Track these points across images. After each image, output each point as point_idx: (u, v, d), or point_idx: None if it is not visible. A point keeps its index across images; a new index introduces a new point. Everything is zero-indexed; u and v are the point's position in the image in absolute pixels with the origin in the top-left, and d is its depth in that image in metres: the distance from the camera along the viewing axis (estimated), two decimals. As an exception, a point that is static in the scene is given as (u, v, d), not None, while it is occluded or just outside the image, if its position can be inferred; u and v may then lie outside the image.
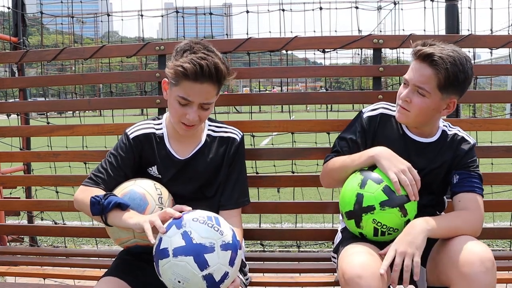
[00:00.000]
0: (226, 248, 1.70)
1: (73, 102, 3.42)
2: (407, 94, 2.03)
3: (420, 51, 1.98)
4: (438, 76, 1.94)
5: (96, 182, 2.07)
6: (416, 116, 2.05)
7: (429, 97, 1.99)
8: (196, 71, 1.90)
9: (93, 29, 34.58)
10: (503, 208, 2.83)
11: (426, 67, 1.97)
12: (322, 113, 3.55)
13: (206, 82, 1.94)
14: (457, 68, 1.94)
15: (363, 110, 2.27)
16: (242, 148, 2.28)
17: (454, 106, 2.05)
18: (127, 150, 2.15)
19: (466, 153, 2.12)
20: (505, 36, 2.73)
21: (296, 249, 4.51)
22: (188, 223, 1.71)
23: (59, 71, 29.13)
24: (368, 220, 1.94)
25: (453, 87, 1.98)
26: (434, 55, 1.94)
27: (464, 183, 2.08)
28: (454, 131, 2.19)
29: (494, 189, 4.24)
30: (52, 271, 2.70)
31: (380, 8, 17.99)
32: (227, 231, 1.74)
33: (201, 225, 1.71)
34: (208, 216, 1.76)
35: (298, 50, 2.89)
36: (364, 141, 2.20)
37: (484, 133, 2.92)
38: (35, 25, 10.07)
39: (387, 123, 2.20)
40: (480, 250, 1.79)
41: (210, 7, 5.29)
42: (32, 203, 3.43)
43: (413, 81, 2.01)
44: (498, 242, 4.75)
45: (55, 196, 4.39)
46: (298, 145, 3.23)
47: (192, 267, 1.64)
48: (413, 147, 2.15)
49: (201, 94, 1.96)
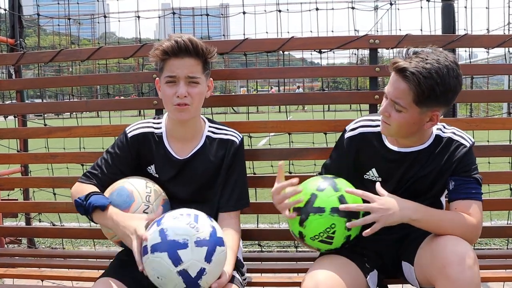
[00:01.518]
0: (201, 244, 1.72)
1: (70, 103, 3.42)
2: (385, 108, 1.96)
3: (396, 63, 1.88)
4: (413, 91, 1.84)
5: (89, 178, 2.14)
6: (398, 130, 1.98)
7: (406, 112, 1.89)
8: (173, 46, 2.02)
9: (90, 30, 34.56)
10: (500, 207, 2.85)
11: (400, 81, 1.87)
12: (320, 113, 3.56)
13: (185, 56, 2.04)
14: (433, 81, 1.80)
15: (346, 128, 2.24)
16: (242, 150, 2.30)
17: (438, 119, 1.94)
18: (123, 148, 2.19)
19: (461, 158, 2.03)
20: (501, 36, 2.73)
21: (294, 249, 4.51)
22: (166, 220, 1.77)
23: (56, 72, 29.06)
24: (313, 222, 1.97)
25: (431, 100, 1.85)
26: (407, 70, 1.83)
27: (460, 190, 2.01)
28: (449, 133, 2.09)
29: (491, 188, 4.25)
30: (50, 272, 2.70)
31: (377, 8, 18.00)
32: (204, 228, 1.76)
33: (177, 222, 1.76)
34: (187, 214, 1.80)
35: (295, 51, 2.89)
36: (348, 161, 2.20)
37: (481, 132, 2.92)
38: (32, 26, 10.04)
39: (367, 141, 2.15)
40: (461, 249, 1.77)
41: (207, 8, 5.28)
42: (30, 205, 3.43)
43: (390, 95, 1.92)
44: (495, 241, 4.76)
45: (52, 197, 4.38)
46: (296, 145, 3.23)
47: (167, 262, 1.69)
48: (397, 159, 2.09)
49: (183, 67, 2.05)
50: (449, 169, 2.04)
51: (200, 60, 2.08)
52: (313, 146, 3.29)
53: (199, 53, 2.07)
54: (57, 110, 3.14)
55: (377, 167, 2.13)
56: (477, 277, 1.75)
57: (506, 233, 2.89)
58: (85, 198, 1.97)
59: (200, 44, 2.07)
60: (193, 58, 2.06)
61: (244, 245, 2.46)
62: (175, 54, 2.03)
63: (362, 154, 2.16)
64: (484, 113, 21.27)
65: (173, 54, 2.03)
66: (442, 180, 2.07)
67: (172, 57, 2.04)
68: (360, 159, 2.17)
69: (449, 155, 2.04)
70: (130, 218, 1.90)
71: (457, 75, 1.87)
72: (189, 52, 2.04)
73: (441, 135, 2.09)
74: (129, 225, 1.86)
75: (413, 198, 1.99)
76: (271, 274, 2.64)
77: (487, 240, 4.73)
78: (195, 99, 2.09)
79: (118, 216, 1.92)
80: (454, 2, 3.87)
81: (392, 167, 2.10)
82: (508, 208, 2.96)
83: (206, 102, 2.23)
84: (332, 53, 3.34)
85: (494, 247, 4.59)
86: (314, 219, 1.95)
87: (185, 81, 2.05)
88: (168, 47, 2.03)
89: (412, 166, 2.08)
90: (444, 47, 2.66)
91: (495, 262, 2.60)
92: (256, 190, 3.33)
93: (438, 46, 2.63)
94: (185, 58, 2.04)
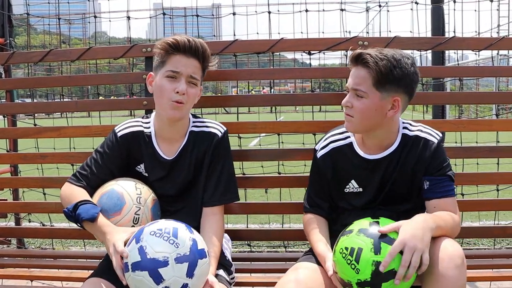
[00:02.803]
0: (182, 260, 1.70)
1: (60, 103, 3.42)
2: (347, 99, 2.00)
3: (352, 55, 1.98)
4: (371, 74, 1.91)
5: (79, 179, 2.14)
6: (361, 121, 1.99)
7: (367, 97, 1.94)
8: (185, 43, 2.08)
9: (81, 29, 34.43)
10: (488, 207, 2.87)
11: (359, 68, 1.95)
12: (310, 114, 3.57)
13: (192, 56, 2.10)
14: (390, 63, 1.89)
15: (316, 148, 2.24)
16: (225, 143, 2.27)
17: (399, 105, 1.97)
18: (113, 148, 2.19)
19: (432, 157, 2.04)
20: (489, 38, 2.75)
21: (284, 249, 4.53)
22: (145, 237, 1.73)
23: (47, 71, 28.94)
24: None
25: (390, 83, 1.91)
26: (364, 54, 1.93)
27: (436, 189, 2.03)
28: (416, 131, 2.09)
29: (479, 189, 4.29)
30: (39, 273, 2.70)
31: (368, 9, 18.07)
32: (184, 243, 1.73)
33: (156, 239, 1.72)
34: (166, 228, 1.75)
35: (285, 52, 2.91)
36: (328, 181, 2.18)
37: (469, 134, 2.95)
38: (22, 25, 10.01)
39: (341, 154, 2.15)
40: (451, 248, 1.78)
41: (197, 8, 5.29)
42: (19, 205, 3.42)
43: (351, 85, 1.98)
44: (483, 241, 4.80)
45: (42, 198, 4.37)
46: (286, 145, 3.25)
47: (149, 281, 1.67)
48: (372, 166, 2.10)
49: (188, 66, 2.09)
50: (421, 169, 2.05)
51: (202, 66, 2.15)
52: (303, 146, 3.30)
53: (205, 59, 2.15)
54: (47, 110, 3.13)
55: (355, 178, 2.13)
56: (463, 277, 1.76)
57: (493, 233, 2.92)
58: (73, 208, 1.96)
59: (208, 51, 2.16)
60: (198, 60, 2.12)
61: (233, 245, 2.47)
62: (184, 52, 2.09)
63: (339, 168, 2.16)
64: (474, 114, 21.41)
65: (183, 51, 2.08)
66: (417, 180, 2.08)
67: (181, 53, 2.08)
68: (338, 174, 2.16)
69: (419, 154, 2.05)
70: (115, 232, 1.88)
71: (412, 63, 1.95)
72: (197, 55, 2.11)
73: (407, 133, 2.09)
74: (110, 240, 1.84)
75: (397, 204, 2.05)
76: (260, 274, 2.65)
77: (475, 240, 4.77)
78: (190, 100, 2.11)
79: (105, 228, 1.91)
80: (443, 4, 3.90)
81: (369, 175, 2.10)
82: (496, 209, 2.99)
83: (197, 102, 2.24)
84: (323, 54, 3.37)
85: (482, 247, 4.63)
86: None
87: (186, 79, 2.08)
88: (181, 42, 2.07)
89: (387, 171, 2.08)
90: (432, 49, 2.70)
91: (483, 262, 2.63)
92: (246, 191, 3.35)
93: (426, 48, 2.69)
94: (191, 58, 2.10)
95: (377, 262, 1.70)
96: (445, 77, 3.83)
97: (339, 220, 2.19)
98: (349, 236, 1.80)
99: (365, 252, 1.72)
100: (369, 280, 1.71)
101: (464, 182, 2.83)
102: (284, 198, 3.80)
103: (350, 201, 2.15)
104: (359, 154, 2.11)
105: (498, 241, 4.61)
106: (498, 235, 3.10)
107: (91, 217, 1.92)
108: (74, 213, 1.94)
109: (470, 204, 2.82)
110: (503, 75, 4.02)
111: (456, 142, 3.57)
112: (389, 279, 1.70)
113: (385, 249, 1.71)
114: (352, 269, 1.73)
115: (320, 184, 2.21)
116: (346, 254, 1.76)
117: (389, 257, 1.69)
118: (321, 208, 2.20)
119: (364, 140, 2.11)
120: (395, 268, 1.70)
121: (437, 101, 3.07)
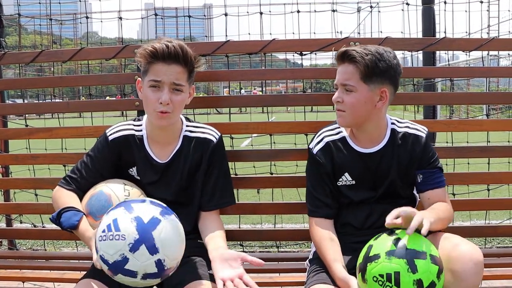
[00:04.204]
0: (137, 246, 1.68)
1: (52, 104, 3.39)
2: (338, 95, 2.09)
3: (338, 53, 2.08)
4: (358, 68, 2.00)
5: (68, 183, 2.15)
6: (353, 114, 2.07)
7: (356, 91, 2.03)
8: (164, 51, 1.99)
9: (72, 30, 34.25)
10: (479, 207, 2.90)
11: (346, 65, 2.04)
12: (302, 114, 3.58)
13: (173, 63, 2.02)
14: (375, 57, 2.00)
15: (310, 146, 2.27)
16: (220, 149, 2.28)
17: (387, 96, 2.06)
18: (104, 152, 2.19)
19: (423, 152, 2.16)
20: (479, 39, 2.78)
21: (276, 249, 4.53)
22: (98, 244, 1.74)
23: (38, 71, 28.76)
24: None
25: (377, 76, 2.02)
26: (349, 51, 2.02)
27: (429, 181, 2.16)
28: (404, 128, 2.20)
29: (470, 188, 4.31)
30: (31, 274, 2.69)
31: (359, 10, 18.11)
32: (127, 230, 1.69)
33: (105, 243, 1.71)
34: (107, 225, 1.72)
35: (276, 53, 2.91)
36: (328, 175, 2.20)
37: (460, 134, 2.97)
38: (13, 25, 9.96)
39: (336, 147, 2.21)
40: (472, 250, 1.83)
41: (189, 9, 5.29)
42: (10, 206, 3.40)
43: (339, 81, 2.07)
44: (474, 240, 4.82)
45: (34, 198, 4.35)
46: (278, 146, 3.25)
47: (128, 280, 1.72)
48: (365, 160, 2.17)
49: (170, 74, 2.02)
50: (414, 164, 2.17)
51: (187, 69, 2.06)
52: (295, 147, 3.31)
53: (187, 62, 2.05)
54: (38, 111, 3.12)
55: (348, 171, 2.19)
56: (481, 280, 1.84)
57: (484, 232, 2.95)
58: (57, 216, 1.98)
59: (190, 53, 2.05)
60: (180, 65, 2.03)
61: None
62: (164, 59, 2.01)
63: (335, 161, 2.20)
64: (465, 115, 21.51)
65: (162, 58, 2.00)
66: (410, 175, 2.18)
67: (160, 61, 2.01)
68: (334, 166, 2.20)
69: (410, 150, 2.17)
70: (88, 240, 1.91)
71: (394, 56, 2.07)
72: (178, 59, 2.02)
73: (396, 129, 2.20)
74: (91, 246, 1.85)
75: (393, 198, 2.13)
76: (253, 274, 2.63)
77: (467, 239, 4.79)
78: (176, 107, 2.08)
79: (86, 233, 1.93)
80: (434, 5, 3.92)
81: (362, 168, 2.17)
82: (486, 208, 3.01)
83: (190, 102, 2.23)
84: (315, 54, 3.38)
85: (473, 247, 4.65)
86: None
87: (169, 88, 2.03)
88: (159, 50, 1.99)
89: (380, 166, 2.17)
90: (423, 50, 2.71)
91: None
92: (238, 191, 3.34)
93: (418, 49, 2.71)
94: (172, 64, 2.02)
95: (417, 280, 1.70)
96: (436, 78, 3.85)
97: (339, 218, 2.23)
98: (378, 262, 1.76)
99: (403, 275, 1.71)
100: None
101: (455, 182, 2.86)
102: (276, 198, 3.80)
103: (345, 194, 2.20)
104: (353, 147, 2.19)
105: (489, 240, 4.64)
106: (489, 235, 3.14)
107: (71, 225, 1.95)
108: (58, 220, 1.97)
109: (461, 203, 2.84)
110: (493, 75, 4.05)
111: (447, 142, 3.59)
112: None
113: (420, 265, 1.71)
114: None
115: (322, 179, 2.22)
116: (383, 281, 1.73)
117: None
118: (327, 205, 2.20)
119: (355, 135, 2.19)
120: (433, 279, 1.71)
121: (428, 101, 3.09)
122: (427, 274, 1.71)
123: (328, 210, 2.20)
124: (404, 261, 1.72)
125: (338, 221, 2.23)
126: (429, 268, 1.73)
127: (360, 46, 2.06)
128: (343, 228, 2.22)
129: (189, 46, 2.11)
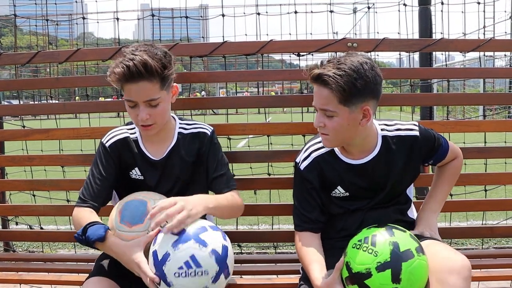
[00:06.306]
0: (217, 278, 1.77)
1: (48, 105, 3.39)
2: (319, 119, 1.97)
3: (311, 74, 1.91)
4: (335, 94, 1.86)
5: (84, 200, 2.12)
6: (337, 137, 1.98)
7: (337, 115, 1.91)
8: (125, 72, 1.93)
9: (68, 30, 34.20)
10: (476, 208, 2.89)
11: (322, 88, 1.90)
12: (298, 115, 3.58)
13: (140, 80, 1.95)
14: (350, 77, 1.84)
15: (297, 161, 2.18)
16: (215, 139, 2.31)
17: (370, 113, 1.93)
18: (106, 158, 2.19)
19: (425, 145, 2.13)
20: (476, 40, 2.78)
21: (273, 250, 4.53)
22: (173, 280, 1.73)
23: (34, 72, 28.71)
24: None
25: (356, 96, 1.87)
26: (323, 74, 1.86)
27: (438, 157, 2.21)
28: (395, 131, 2.11)
29: (467, 189, 4.31)
30: (28, 276, 2.68)
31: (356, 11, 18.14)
32: (208, 262, 1.76)
33: (186, 279, 1.73)
34: (185, 262, 1.74)
35: (273, 54, 2.91)
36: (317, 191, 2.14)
37: (457, 134, 2.97)
38: (8, 25, 9.93)
39: (324, 162, 2.13)
40: (460, 259, 1.81)
41: (186, 9, 5.28)
42: (6, 208, 3.38)
43: (318, 106, 1.95)
44: (471, 241, 4.84)
45: (30, 200, 4.34)
46: (275, 146, 3.25)
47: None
48: (356, 171, 2.09)
49: (139, 92, 1.98)
50: (417, 159, 2.15)
51: (156, 80, 2.00)
52: (292, 148, 3.31)
53: (154, 75, 1.98)
54: (34, 112, 3.11)
55: (341, 184, 2.11)
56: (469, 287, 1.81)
57: (481, 233, 2.95)
58: (83, 232, 1.92)
59: (155, 65, 1.96)
60: (148, 81, 1.97)
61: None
62: (127, 80, 1.96)
63: (324, 176, 2.12)
64: (461, 115, 21.55)
65: (127, 80, 1.96)
66: (412, 171, 2.17)
67: (128, 81, 1.96)
68: (325, 181, 2.13)
69: (410, 150, 2.11)
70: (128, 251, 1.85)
71: (372, 67, 1.89)
72: (143, 76, 1.95)
73: (387, 134, 2.11)
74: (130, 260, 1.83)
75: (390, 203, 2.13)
76: (250, 276, 2.65)
77: (463, 240, 4.81)
78: (158, 118, 2.07)
79: (117, 248, 1.88)
80: (430, 6, 3.93)
81: (356, 180, 2.10)
82: (483, 209, 3.01)
83: (184, 105, 2.23)
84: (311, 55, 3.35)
85: (470, 247, 4.66)
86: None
87: (145, 104, 2.01)
88: (120, 74, 1.94)
89: (374, 175, 2.09)
90: (421, 51, 2.71)
91: (471, 262, 2.62)
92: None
93: (415, 50, 2.70)
94: (140, 81, 1.96)
95: (394, 242, 1.75)
96: (432, 79, 3.86)
97: (334, 225, 2.18)
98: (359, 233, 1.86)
99: (380, 236, 1.78)
100: (389, 260, 1.72)
101: (452, 183, 2.85)
102: (274, 199, 3.79)
103: (340, 205, 2.14)
104: (343, 160, 2.11)
105: (486, 241, 4.65)
106: (486, 235, 3.13)
107: (99, 236, 1.89)
108: (84, 236, 1.90)
109: (458, 204, 2.85)
110: (490, 76, 4.05)
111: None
112: (409, 259, 1.72)
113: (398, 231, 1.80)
114: (370, 253, 1.74)
115: (308, 194, 2.14)
116: (360, 244, 1.79)
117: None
118: (312, 220, 2.13)
119: (345, 148, 2.10)
120: (411, 248, 1.75)
121: (425, 102, 3.09)
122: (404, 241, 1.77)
123: (313, 225, 2.13)
124: (384, 228, 1.83)
125: (333, 227, 2.17)
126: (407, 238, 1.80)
127: (334, 65, 1.87)
128: (338, 233, 2.16)
129: (186, 47, 2.10)
